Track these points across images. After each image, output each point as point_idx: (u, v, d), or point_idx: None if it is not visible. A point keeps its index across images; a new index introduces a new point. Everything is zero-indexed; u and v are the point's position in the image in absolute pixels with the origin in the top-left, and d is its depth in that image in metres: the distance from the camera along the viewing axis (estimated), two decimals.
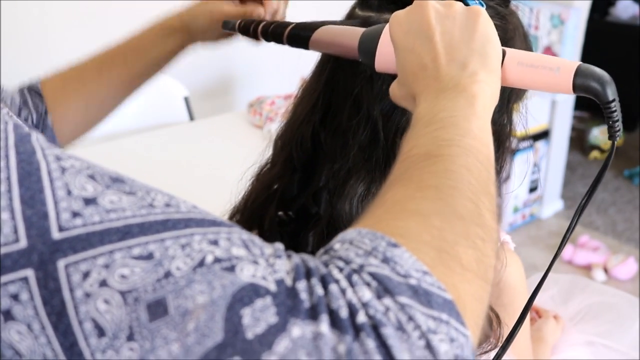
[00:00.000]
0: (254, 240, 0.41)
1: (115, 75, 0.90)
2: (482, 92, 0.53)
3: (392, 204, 0.45)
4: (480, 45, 0.54)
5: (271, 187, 0.77)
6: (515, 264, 0.78)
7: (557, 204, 3.13)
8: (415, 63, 0.55)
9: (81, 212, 0.38)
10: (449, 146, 0.48)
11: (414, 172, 0.47)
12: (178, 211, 0.40)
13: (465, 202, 0.45)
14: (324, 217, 0.72)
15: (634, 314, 1.13)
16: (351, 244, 0.41)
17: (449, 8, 0.56)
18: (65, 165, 0.40)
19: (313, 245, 0.73)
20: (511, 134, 0.73)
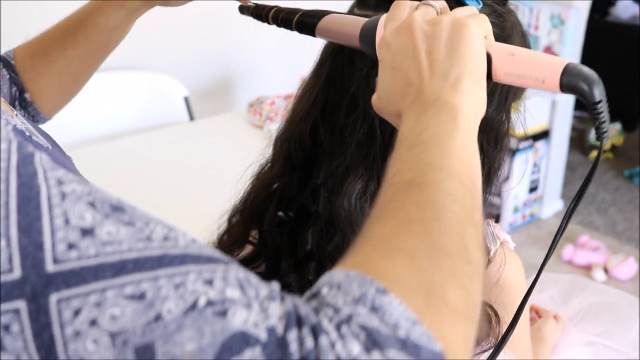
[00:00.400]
0: (250, 279, 0.39)
1: (81, 50, 0.90)
2: (464, 103, 0.52)
3: (380, 241, 0.44)
4: (463, 56, 0.54)
5: (271, 186, 0.78)
6: (515, 262, 0.78)
7: (557, 204, 3.13)
8: (402, 81, 0.56)
9: (77, 244, 0.37)
10: (432, 170, 0.48)
11: (399, 202, 0.47)
12: (176, 245, 0.39)
13: (451, 235, 0.44)
14: (323, 215, 0.72)
15: (634, 314, 1.13)
16: (339, 289, 0.40)
17: (435, 26, 0.56)
18: (66, 191, 0.39)
19: (312, 243, 0.73)
20: (509, 132, 0.73)
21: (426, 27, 0.56)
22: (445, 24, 0.55)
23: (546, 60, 0.56)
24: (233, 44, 2.60)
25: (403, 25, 0.57)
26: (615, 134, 3.68)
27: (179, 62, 2.42)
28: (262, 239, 0.79)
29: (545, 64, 0.56)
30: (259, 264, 0.80)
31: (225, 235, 0.83)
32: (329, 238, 0.72)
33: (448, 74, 0.53)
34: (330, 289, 0.40)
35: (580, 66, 0.55)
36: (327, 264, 0.72)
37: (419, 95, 0.54)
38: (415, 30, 0.56)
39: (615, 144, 3.69)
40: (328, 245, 0.72)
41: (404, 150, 0.51)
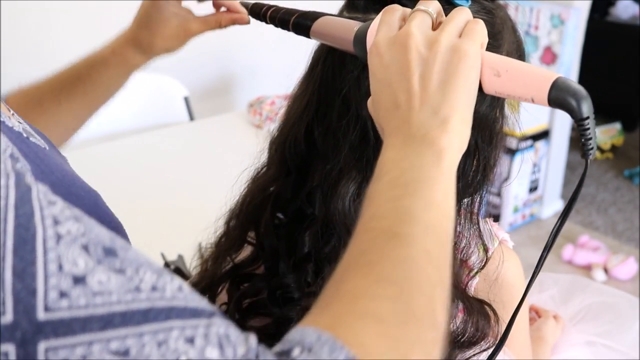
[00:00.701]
0: (230, 336, 0.40)
1: (76, 104, 0.89)
2: (450, 145, 0.53)
3: (353, 299, 0.45)
4: (456, 92, 0.53)
5: (267, 190, 0.78)
6: (514, 261, 0.78)
7: (557, 204, 3.13)
8: (390, 99, 0.55)
9: (69, 293, 0.37)
10: (411, 222, 0.49)
11: (375, 255, 0.48)
12: (162, 297, 0.39)
13: (421, 299, 0.46)
14: (319, 217, 0.72)
15: (634, 314, 1.13)
16: (310, 351, 0.41)
17: (431, 48, 0.54)
18: (61, 232, 0.39)
19: (309, 245, 0.73)
20: (503, 128, 0.73)
21: (423, 48, 0.54)
22: (443, 49, 0.54)
23: (535, 74, 0.55)
24: (233, 44, 2.60)
25: (398, 40, 0.55)
26: (615, 134, 3.68)
27: (179, 62, 2.42)
28: (259, 241, 0.79)
29: (534, 79, 0.55)
30: (258, 265, 0.80)
31: (222, 239, 0.83)
32: (325, 240, 0.72)
33: (438, 110, 0.53)
34: (302, 351, 0.41)
35: (569, 81, 0.54)
36: (324, 265, 0.72)
37: (405, 122, 0.54)
38: (411, 50, 0.54)
39: (615, 144, 3.69)
40: (325, 247, 0.72)
41: (384, 187, 0.52)
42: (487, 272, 0.75)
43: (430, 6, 0.58)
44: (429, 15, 0.57)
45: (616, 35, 3.76)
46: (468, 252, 0.74)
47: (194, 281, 0.85)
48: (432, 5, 0.58)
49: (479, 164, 0.70)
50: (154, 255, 1.51)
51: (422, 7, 0.57)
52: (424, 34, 0.55)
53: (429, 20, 0.57)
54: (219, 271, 0.82)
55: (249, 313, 0.79)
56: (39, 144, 0.55)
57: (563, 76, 0.55)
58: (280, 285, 0.75)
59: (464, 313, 0.73)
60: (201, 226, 0.88)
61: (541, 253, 0.60)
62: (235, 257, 0.81)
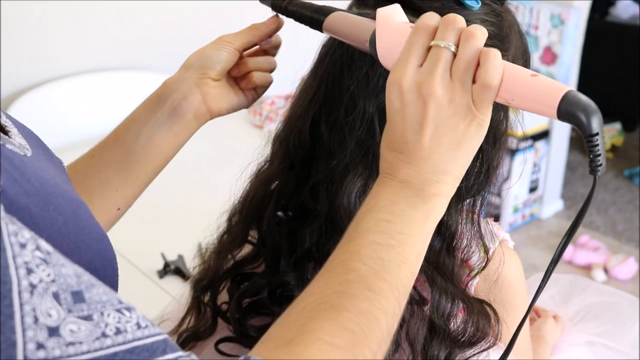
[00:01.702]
0: None
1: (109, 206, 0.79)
2: (440, 206, 0.58)
3: (312, 343, 0.50)
4: (461, 159, 0.57)
5: (269, 185, 0.78)
6: (514, 261, 0.78)
7: (557, 204, 3.13)
8: (399, 133, 0.58)
9: (45, 345, 0.40)
10: (384, 280, 0.54)
11: (346, 302, 0.52)
12: (125, 339, 0.44)
13: (367, 353, 0.51)
14: (323, 214, 0.72)
15: (634, 314, 1.13)
16: None
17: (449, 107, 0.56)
18: (34, 282, 0.42)
19: (311, 241, 0.73)
20: (507, 131, 0.74)
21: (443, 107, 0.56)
22: (458, 111, 0.56)
23: (545, 88, 0.54)
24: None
25: (420, 90, 0.56)
26: (615, 134, 3.68)
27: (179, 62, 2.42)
28: (261, 238, 0.79)
29: (544, 92, 0.54)
30: (258, 263, 0.80)
31: (225, 235, 0.83)
32: (328, 236, 0.72)
33: (440, 171, 0.57)
34: None
35: (580, 95, 0.53)
36: (325, 262, 0.72)
37: (407, 165, 0.57)
38: (429, 109, 0.56)
39: (615, 144, 3.69)
40: (327, 243, 0.72)
41: (372, 226, 0.56)
42: (487, 272, 0.75)
43: (451, 36, 0.56)
44: (450, 54, 0.56)
45: (616, 35, 3.76)
46: (469, 253, 0.74)
47: (197, 277, 0.85)
48: (453, 32, 0.57)
49: (482, 166, 0.70)
50: (154, 255, 1.51)
51: (442, 43, 0.56)
52: (444, 91, 0.56)
53: (449, 61, 0.56)
54: (221, 268, 0.82)
55: (249, 312, 0.79)
56: (17, 150, 0.53)
57: (573, 90, 0.54)
58: (280, 284, 0.75)
59: (464, 313, 0.73)
60: (201, 226, 0.88)
61: (548, 266, 0.60)
62: (236, 253, 0.81)
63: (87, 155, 0.81)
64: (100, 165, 0.79)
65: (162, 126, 0.79)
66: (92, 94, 2.23)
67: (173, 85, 0.79)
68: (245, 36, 0.79)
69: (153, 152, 0.79)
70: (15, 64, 2.07)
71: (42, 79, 2.17)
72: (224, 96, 0.79)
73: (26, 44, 2.10)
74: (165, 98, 0.79)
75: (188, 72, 0.79)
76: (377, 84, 0.68)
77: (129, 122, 0.81)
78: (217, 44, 0.78)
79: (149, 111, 0.79)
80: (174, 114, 0.78)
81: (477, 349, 0.74)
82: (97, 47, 2.27)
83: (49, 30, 2.14)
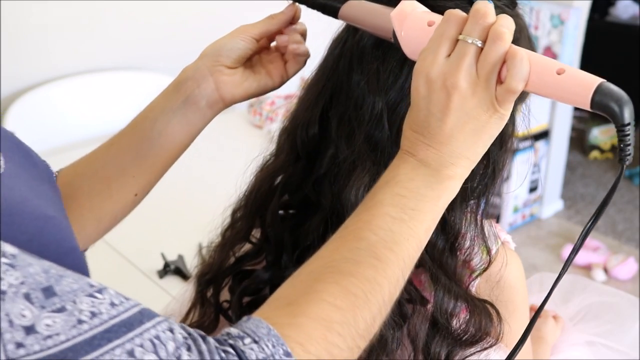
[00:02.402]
0: (160, 336, 0.46)
1: (126, 192, 0.81)
2: (454, 188, 0.60)
3: (315, 303, 0.53)
4: (479, 147, 0.59)
5: (274, 178, 0.78)
6: (516, 263, 0.78)
7: (557, 204, 3.13)
8: (421, 119, 0.60)
9: (24, 343, 0.43)
10: (392, 251, 0.57)
11: (352, 267, 0.55)
12: (101, 321, 0.45)
13: (368, 317, 0.54)
14: (328, 208, 0.72)
15: (634, 314, 1.13)
16: (257, 343, 0.49)
17: (472, 99, 0.57)
18: (3, 288, 0.43)
19: (314, 236, 0.73)
20: (513, 133, 0.74)
21: (466, 100, 0.57)
22: (482, 104, 0.58)
23: (579, 79, 0.56)
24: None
25: (445, 81, 0.58)
26: (615, 134, 3.68)
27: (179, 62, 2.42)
28: (264, 233, 0.79)
29: (578, 83, 0.56)
30: (259, 259, 0.80)
31: (228, 231, 0.83)
32: (332, 230, 0.72)
33: (458, 155, 0.59)
34: (251, 342, 0.49)
35: (613, 86, 0.55)
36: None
37: (426, 148, 0.59)
38: (453, 100, 0.58)
39: (615, 144, 3.69)
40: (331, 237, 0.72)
41: (387, 199, 0.59)
42: (489, 273, 0.75)
43: (478, 32, 0.58)
44: (476, 50, 0.58)
45: (616, 35, 3.76)
46: (472, 254, 0.74)
47: (200, 271, 0.85)
48: (481, 28, 0.58)
49: (488, 167, 0.70)
50: (154, 255, 1.51)
51: (470, 39, 0.58)
52: (468, 85, 0.58)
53: (475, 56, 0.58)
54: (225, 262, 0.82)
55: (251, 309, 0.79)
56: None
57: (605, 81, 0.55)
58: (282, 279, 0.75)
59: (466, 312, 0.73)
60: (201, 226, 0.88)
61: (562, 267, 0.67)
62: (238, 250, 0.81)
63: (107, 143, 0.83)
64: (118, 152, 0.81)
65: (177, 114, 0.79)
66: (92, 94, 2.23)
67: (188, 73, 0.80)
68: (263, 25, 0.79)
69: (168, 139, 0.80)
70: (15, 64, 2.07)
71: (42, 79, 2.17)
72: (238, 83, 0.79)
73: (26, 44, 2.10)
74: (180, 86, 0.80)
75: (202, 60, 0.79)
76: (387, 80, 0.68)
77: (147, 110, 0.82)
78: (234, 33, 0.79)
79: (166, 99, 0.80)
80: (188, 102, 0.79)
81: (478, 348, 0.74)
82: (97, 47, 2.27)
83: (49, 30, 2.14)
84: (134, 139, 0.81)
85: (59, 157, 0.93)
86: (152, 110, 0.82)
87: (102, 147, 0.83)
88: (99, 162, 0.81)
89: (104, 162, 0.81)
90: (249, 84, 0.80)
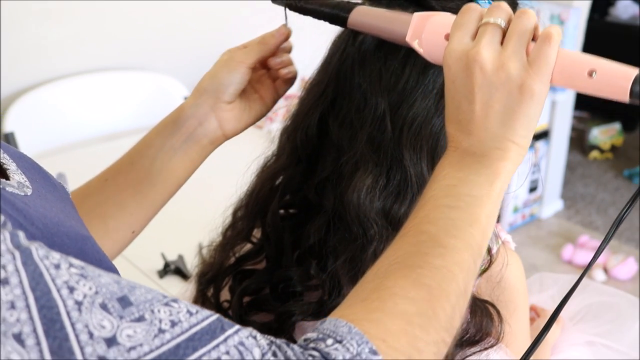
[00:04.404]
0: (244, 342, 0.45)
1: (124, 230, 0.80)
2: (505, 171, 0.57)
3: (389, 297, 0.51)
4: (517, 128, 0.56)
5: (275, 179, 0.78)
6: (516, 263, 0.78)
7: (557, 204, 3.13)
8: (453, 111, 0.58)
9: (106, 357, 0.40)
10: (455, 237, 0.54)
11: (419, 260, 0.53)
12: (182, 330, 0.43)
13: (446, 307, 0.52)
14: (331, 209, 0.72)
15: (634, 314, 1.13)
16: (341, 343, 0.47)
17: (497, 73, 0.55)
18: (79, 299, 0.41)
19: (315, 237, 0.73)
20: None
21: (489, 72, 0.55)
22: (508, 79, 0.55)
23: (616, 70, 0.56)
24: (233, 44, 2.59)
25: (466, 61, 0.56)
26: (615, 134, 3.68)
27: (179, 62, 2.42)
28: (264, 233, 0.79)
29: (615, 75, 0.56)
30: (260, 259, 0.80)
31: (229, 230, 0.83)
32: (333, 232, 0.72)
33: (499, 138, 0.56)
34: (334, 342, 0.47)
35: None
36: (328, 259, 0.72)
37: (465, 138, 0.58)
38: (476, 76, 0.56)
39: (615, 144, 3.69)
40: (333, 239, 0.72)
41: (439, 193, 0.57)
42: (490, 273, 0.75)
43: (500, 15, 0.57)
44: (499, 29, 0.57)
45: (616, 35, 3.76)
46: None
47: (201, 271, 0.85)
48: (502, 12, 0.57)
49: None
50: (154, 255, 1.51)
51: (492, 19, 0.57)
52: (492, 57, 0.56)
53: (499, 34, 0.56)
54: (225, 262, 0.82)
55: (251, 309, 0.79)
56: (17, 191, 0.52)
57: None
58: (283, 279, 0.75)
59: (467, 312, 0.73)
60: (201, 226, 0.88)
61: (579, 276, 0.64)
62: (238, 250, 0.81)
63: (100, 179, 0.81)
64: (116, 190, 0.79)
65: (178, 152, 0.79)
66: (92, 94, 2.23)
67: (188, 112, 0.79)
68: (258, 52, 0.77)
69: (169, 177, 0.80)
70: (15, 64, 2.07)
71: (42, 79, 2.17)
72: (239, 117, 0.79)
73: (26, 44, 2.10)
74: (180, 124, 0.79)
75: (202, 98, 0.78)
76: (390, 81, 0.68)
77: (144, 146, 0.81)
78: (230, 65, 0.77)
79: (165, 137, 0.80)
80: (190, 140, 0.79)
81: (479, 348, 0.74)
82: (97, 47, 2.27)
83: (49, 30, 2.14)
84: (132, 176, 0.79)
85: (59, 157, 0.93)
86: (150, 147, 0.80)
87: (95, 182, 0.81)
88: (94, 199, 0.78)
89: (101, 199, 0.79)
90: (248, 115, 0.80)
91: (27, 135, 2.02)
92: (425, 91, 0.68)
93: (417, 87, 0.68)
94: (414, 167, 0.69)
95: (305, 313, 0.73)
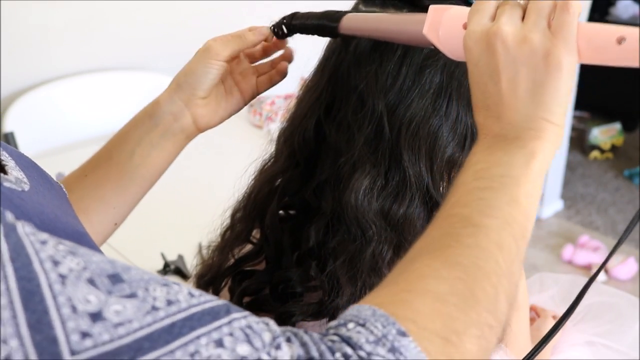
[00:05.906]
0: (252, 326, 0.41)
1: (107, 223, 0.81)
2: (542, 150, 0.53)
3: (416, 278, 0.47)
4: (547, 103, 0.53)
5: (274, 181, 0.78)
6: None
7: (557, 204, 3.13)
8: (480, 96, 0.55)
9: (90, 332, 0.37)
10: (490, 216, 0.50)
11: (448, 240, 0.49)
12: (180, 309, 0.40)
13: (486, 286, 0.47)
14: (329, 211, 0.72)
15: (634, 314, 1.14)
16: (364, 326, 0.43)
17: (520, 47, 0.52)
18: (63, 272, 0.39)
19: (314, 239, 0.73)
20: None
21: (511, 48, 0.52)
22: (532, 51, 0.52)
23: None
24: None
25: (487, 39, 0.53)
26: (615, 134, 3.68)
27: (179, 62, 2.42)
28: (264, 235, 0.79)
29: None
30: (259, 260, 0.80)
31: (228, 232, 0.83)
32: (333, 233, 0.72)
33: (531, 117, 0.53)
34: (356, 325, 0.43)
35: None
36: (328, 260, 0.72)
37: (495, 122, 0.54)
38: (498, 53, 0.53)
39: (615, 144, 3.69)
40: (331, 241, 0.72)
41: (469, 178, 0.53)
42: None
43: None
44: (518, 6, 0.54)
45: None
46: None
47: (200, 273, 0.85)
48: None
49: None
50: (154, 255, 1.51)
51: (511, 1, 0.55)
52: (513, 31, 0.53)
53: (518, 11, 0.54)
54: (224, 264, 0.82)
55: (251, 309, 0.79)
56: (14, 187, 0.52)
57: None
58: (282, 279, 0.75)
59: None
60: (201, 226, 0.88)
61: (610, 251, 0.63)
62: (237, 251, 0.81)
63: (79, 174, 0.82)
64: (96, 184, 0.81)
65: (156, 147, 0.81)
66: (92, 94, 2.23)
67: (165, 107, 0.80)
68: (234, 45, 0.77)
69: (148, 170, 0.81)
70: (15, 64, 2.07)
71: (42, 79, 2.17)
72: (214, 112, 0.80)
73: (26, 44, 2.10)
74: (157, 120, 0.80)
75: (177, 94, 0.79)
76: (386, 82, 0.68)
77: (122, 141, 0.82)
78: (205, 60, 0.77)
79: (142, 132, 0.81)
80: (166, 135, 0.80)
81: None
82: (97, 47, 2.27)
83: (49, 30, 2.14)
84: (111, 171, 0.81)
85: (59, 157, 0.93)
86: (127, 141, 0.82)
87: (74, 176, 0.82)
88: (75, 194, 0.77)
89: (82, 194, 0.79)
90: (224, 110, 0.81)
91: (27, 135, 2.02)
92: (422, 91, 0.68)
93: (413, 87, 0.68)
94: (413, 167, 0.69)
95: (305, 313, 0.73)
